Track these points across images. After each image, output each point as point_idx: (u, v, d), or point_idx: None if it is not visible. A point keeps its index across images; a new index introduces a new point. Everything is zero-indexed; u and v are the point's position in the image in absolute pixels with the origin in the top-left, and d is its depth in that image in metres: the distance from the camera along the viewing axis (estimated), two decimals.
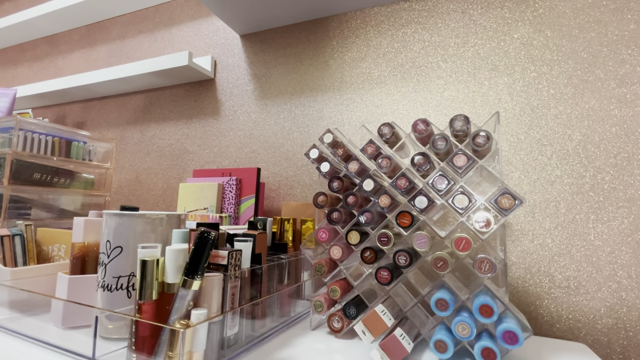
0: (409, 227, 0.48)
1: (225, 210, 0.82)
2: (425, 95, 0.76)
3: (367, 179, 0.51)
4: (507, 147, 0.68)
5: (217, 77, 1.05)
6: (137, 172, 1.15)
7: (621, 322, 0.57)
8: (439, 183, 0.46)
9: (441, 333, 0.43)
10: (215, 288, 0.39)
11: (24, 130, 0.79)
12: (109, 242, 0.46)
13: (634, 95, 0.61)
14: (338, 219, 0.53)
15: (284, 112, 0.92)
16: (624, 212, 0.59)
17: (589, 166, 0.62)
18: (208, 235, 0.37)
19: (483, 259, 0.41)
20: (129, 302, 0.45)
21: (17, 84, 1.53)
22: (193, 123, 1.06)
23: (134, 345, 0.36)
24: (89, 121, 1.29)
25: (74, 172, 0.90)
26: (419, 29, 0.79)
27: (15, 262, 0.60)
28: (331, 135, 0.55)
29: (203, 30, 1.09)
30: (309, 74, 0.90)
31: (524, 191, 0.65)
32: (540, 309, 0.62)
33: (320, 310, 0.53)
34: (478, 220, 0.43)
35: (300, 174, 0.88)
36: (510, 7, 0.71)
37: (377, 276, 0.48)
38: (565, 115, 0.64)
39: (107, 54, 1.29)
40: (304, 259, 0.66)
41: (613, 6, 0.63)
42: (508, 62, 0.70)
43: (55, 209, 0.87)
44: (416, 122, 0.50)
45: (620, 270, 0.58)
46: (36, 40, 1.51)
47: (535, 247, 0.64)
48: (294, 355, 0.44)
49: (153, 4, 1.20)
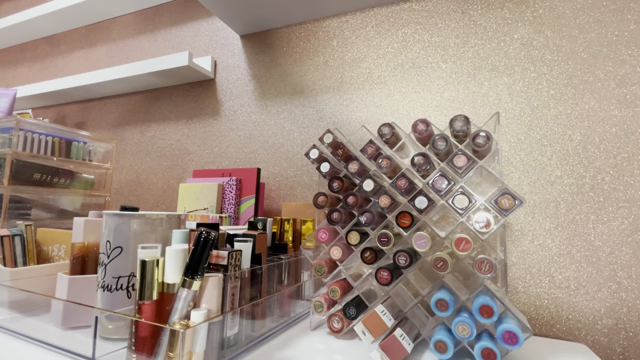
0: (409, 227, 0.48)
1: (225, 210, 0.82)
2: (425, 95, 0.76)
3: (367, 179, 0.51)
4: (507, 147, 0.68)
5: (217, 78, 1.05)
6: (137, 172, 1.15)
7: (621, 323, 0.57)
8: (439, 183, 0.46)
9: (441, 333, 0.43)
10: (215, 288, 0.39)
11: (24, 131, 0.79)
12: (109, 243, 0.46)
13: (634, 96, 0.61)
14: (338, 219, 0.53)
15: (284, 112, 0.92)
16: (624, 212, 0.59)
17: (589, 166, 0.62)
18: (208, 235, 0.37)
19: (483, 259, 0.41)
20: (129, 302, 0.45)
21: (17, 84, 1.53)
22: (193, 123, 1.06)
23: (133, 346, 0.36)
24: (89, 121, 1.29)
25: (74, 173, 0.90)
26: (419, 29, 0.79)
27: (15, 263, 0.60)
28: (331, 135, 0.55)
29: (203, 30, 1.09)
30: (309, 74, 0.90)
31: (524, 191, 0.65)
32: (540, 309, 0.62)
33: (320, 311, 0.53)
34: (478, 221, 0.43)
35: (300, 174, 0.88)
36: (510, 8, 0.71)
37: (377, 276, 0.48)
38: (565, 115, 0.64)
39: (107, 54, 1.30)
40: (304, 259, 0.66)
41: (613, 7, 0.63)
42: (508, 62, 0.70)
43: (55, 209, 0.87)
44: (416, 122, 0.50)
45: (621, 271, 0.58)
46: (36, 40, 1.51)
47: (535, 247, 0.64)
48: (293, 356, 0.44)
49: (153, 4, 1.20)
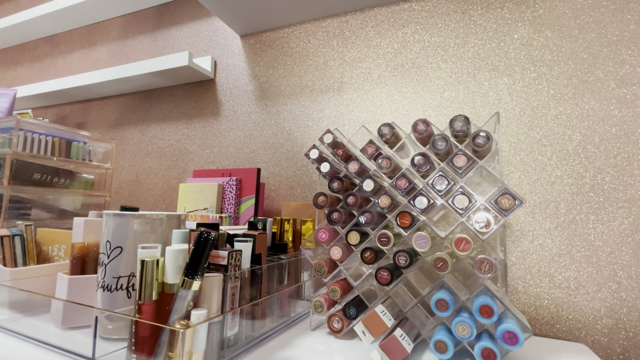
0: (409, 227, 0.48)
1: (225, 210, 0.82)
2: (425, 95, 0.76)
3: (367, 179, 0.51)
4: (507, 147, 0.68)
5: (217, 78, 1.05)
6: (137, 172, 1.15)
7: (621, 323, 0.57)
8: (439, 183, 0.46)
9: (441, 333, 0.43)
10: (215, 288, 0.39)
11: (24, 131, 0.79)
12: (109, 243, 0.46)
13: (634, 96, 0.61)
14: (338, 220, 0.53)
15: (284, 112, 0.92)
16: (624, 212, 0.59)
17: (589, 167, 0.62)
18: (208, 235, 0.37)
19: (483, 259, 0.41)
20: (129, 302, 0.45)
21: (17, 84, 1.53)
22: (193, 123, 1.06)
23: (133, 346, 0.36)
24: (89, 121, 1.29)
25: (74, 173, 0.90)
26: (419, 29, 0.79)
27: (15, 263, 0.60)
28: (331, 135, 0.55)
29: (203, 30, 1.09)
30: (309, 74, 0.90)
31: (524, 191, 0.65)
32: (540, 309, 0.62)
33: (320, 311, 0.53)
34: (478, 221, 0.43)
35: (300, 174, 0.88)
36: (510, 8, 0.71)
37: (377, 276, 0.48)
38: (565, 115, 0.64)
39: (107, 54, 1.30)
40: (304, 259, 0.66)
41: (613, 7, 0.63)
42: (508, 62, 0.70)
43: (55, 209, 0.87)
44: (416, 122, 0.50)
45: (621, 271, 0.58)
46: (36, 40, 1.51)
47: (535, 247, 0.64)
48: (293, 356, 0.44)
49: (153, 4, 1.20)
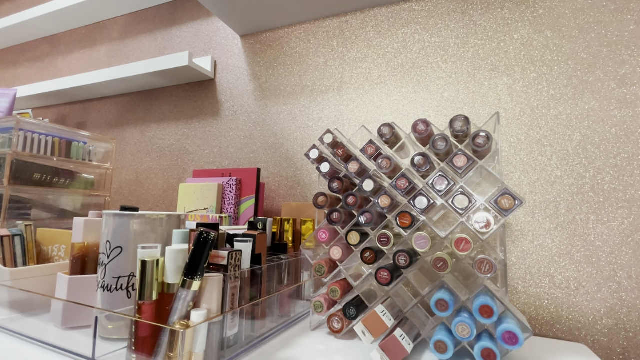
0: (409, 227, 0.48)
1: (225, 210, 0.82)
2: (425, 95, 0.76)
3: (367, 179, 0.51)
4: (507, 147, 0.68)
5: (217, 78, 1.05)
6: (137, 172, 1.15)
7: (621, 323, 0.57)
8: (439, 183, 0.46)
9: (441, 333, 0.43)
10: (215, 288, 0.39)
11: (24, 131, 0.79)
12: (109, 243, 0.46)
13: (634, 96, 0.61)
14: (338, 220, 0.53)
15: (284, 112, 0.92)
16: (624, 212, 0.59)
17: (589, 167, 0.62)
18: (208, 235, 0.37)
19: (483, 259, 0.41)
20: (129, 302, 0.45)
21: (17, 84, 1.53)
22: (193, 123, 1.07)
23: (133, 346, 0.36)
24: (89, 121, 1.29)
25: (74, 173, 0.90)
26: (419, 29, 0.79)
27: (15, 263, 0.60)
28: (331, 135, 0.55)
29: (203, 30, 1.09)
30: (309, 74, 0.90)
31: (524, 192, 0.65)
32: (540, 309, 0.62)
33: (320, 311, 0.53)
34: (478, 221, 0.43)
35: (300, 174, 0.88)
36: (510, 8, 0.71)
37: (377, 277, 0.48)
38: (565, 115, 0.64)
39: (107, 54, 1.30)
40: (304, 259, 0.66)
41: (613, 7, 0.63)
42: (508, 62, 0.70)
43: (55, 209, 0.87)
44: (416, 122, 0.50)
45: (621, 271, 0.58)
46: (36, 40, 1.51)
47: (535, 247, 0.64)
48: (293, 356, 0.44)
49: (153, 4, 1.20)
